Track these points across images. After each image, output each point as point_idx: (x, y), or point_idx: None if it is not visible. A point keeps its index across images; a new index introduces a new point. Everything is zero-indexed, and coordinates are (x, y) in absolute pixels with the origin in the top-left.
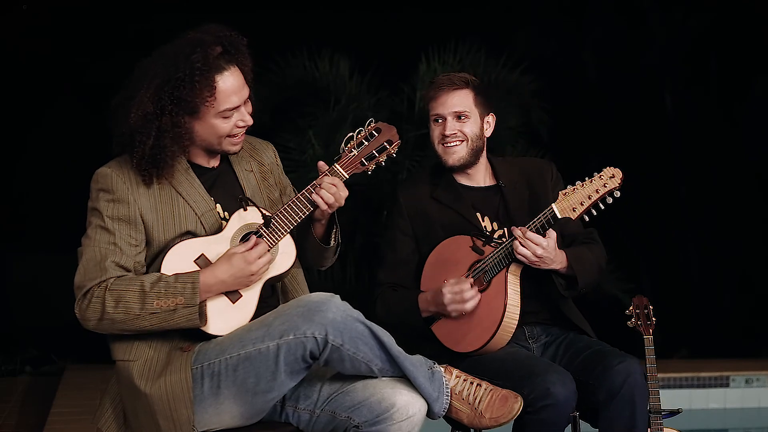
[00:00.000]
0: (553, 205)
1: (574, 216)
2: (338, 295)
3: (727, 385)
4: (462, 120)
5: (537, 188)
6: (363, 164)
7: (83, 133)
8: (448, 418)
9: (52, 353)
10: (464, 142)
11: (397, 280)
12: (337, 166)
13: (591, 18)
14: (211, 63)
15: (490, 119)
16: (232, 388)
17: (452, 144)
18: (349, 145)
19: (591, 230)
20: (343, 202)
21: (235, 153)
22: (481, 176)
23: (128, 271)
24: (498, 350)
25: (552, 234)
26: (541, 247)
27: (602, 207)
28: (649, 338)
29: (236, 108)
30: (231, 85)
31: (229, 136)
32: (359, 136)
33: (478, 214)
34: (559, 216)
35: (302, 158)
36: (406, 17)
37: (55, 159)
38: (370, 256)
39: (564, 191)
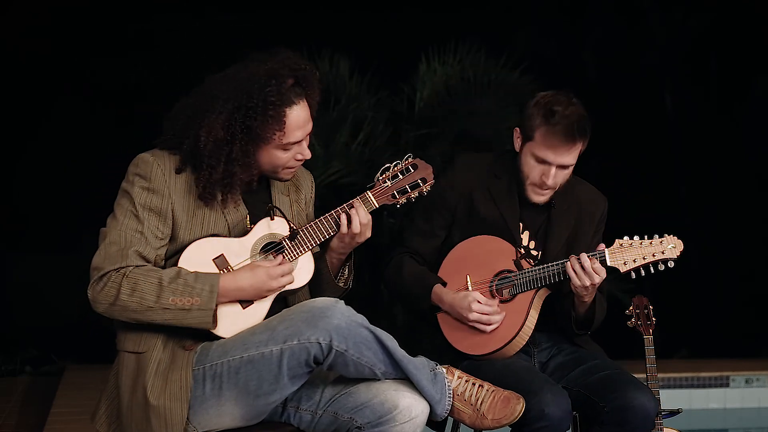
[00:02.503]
0: (606, 250)
1: (622, 269)
2: (342, 301)
3: (727, 385)
4: (562, 169)
5: (584, 220)
6: (394, 197)
7: (83, 133)
8: (450, 419)
9: (52, 353)
10: (551, 190)
11: (419, 248)
12: (369, 194)
13: (591, 18)
14: (283, 95)
15: None
16: (233, 390)
17: (546, 189)
18: (384, 176)
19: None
20: (362, 240)
21: (287, 181)
22: None
23: (149, 262)
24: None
25: (603, 273)
26: (599, 277)
27: (652, 271)
28: (649, 338)
29: (298, 142)
30: (297, 118)
31: (286, 168)
32: (395, 168)
33: (521, 224)
34: (609, 263)
35: None
36: (406, 17)
37: (56, 159)
38: (371, 258)
39: (621, 241)
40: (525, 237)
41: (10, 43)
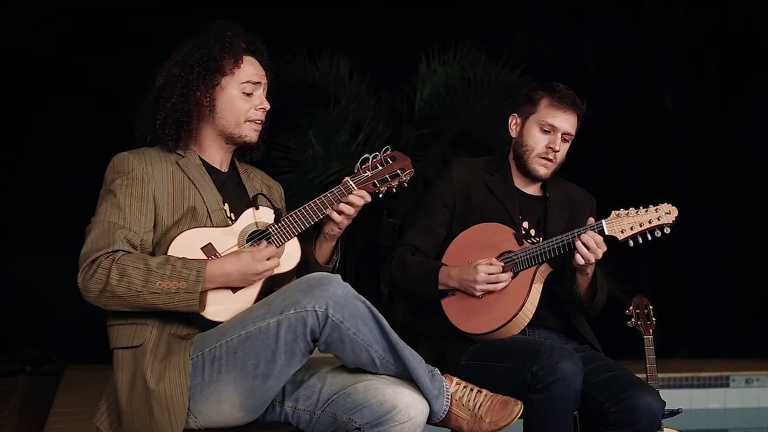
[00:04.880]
0: (603, 221)
1: (620, 237)
2: (339, 276)
3: (727, 385)
4: (564, 142)
5: (577, 214)
6: (375, 185)
7: (84, 133)
8: (448, 426)
9: (52, 353)
10: (554, 163)
11: (420, 245)
12: (350, 181)
13: (591, 18)
14: (239, 41)
15: None
16: (232, 373)
17: (551, 159)
18: (364, 166)
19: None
20: (349, 220)
21: (252, 142)
22: (534, 186)
23: (135, 248)
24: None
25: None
26: (601, 251)
27: (649, 238)
28: (649, 338)
29: (256, 85)
30: (253, 64)
31: (249, 120)
32: (374, 160)
33: (520, 216)
34: (606, 233)
35: (302, 158)
36: (406, 17)
37: (56, 159)
38: (371, 256)
39: (617, 212)
40: (525, 225)
41: (11, 43)
